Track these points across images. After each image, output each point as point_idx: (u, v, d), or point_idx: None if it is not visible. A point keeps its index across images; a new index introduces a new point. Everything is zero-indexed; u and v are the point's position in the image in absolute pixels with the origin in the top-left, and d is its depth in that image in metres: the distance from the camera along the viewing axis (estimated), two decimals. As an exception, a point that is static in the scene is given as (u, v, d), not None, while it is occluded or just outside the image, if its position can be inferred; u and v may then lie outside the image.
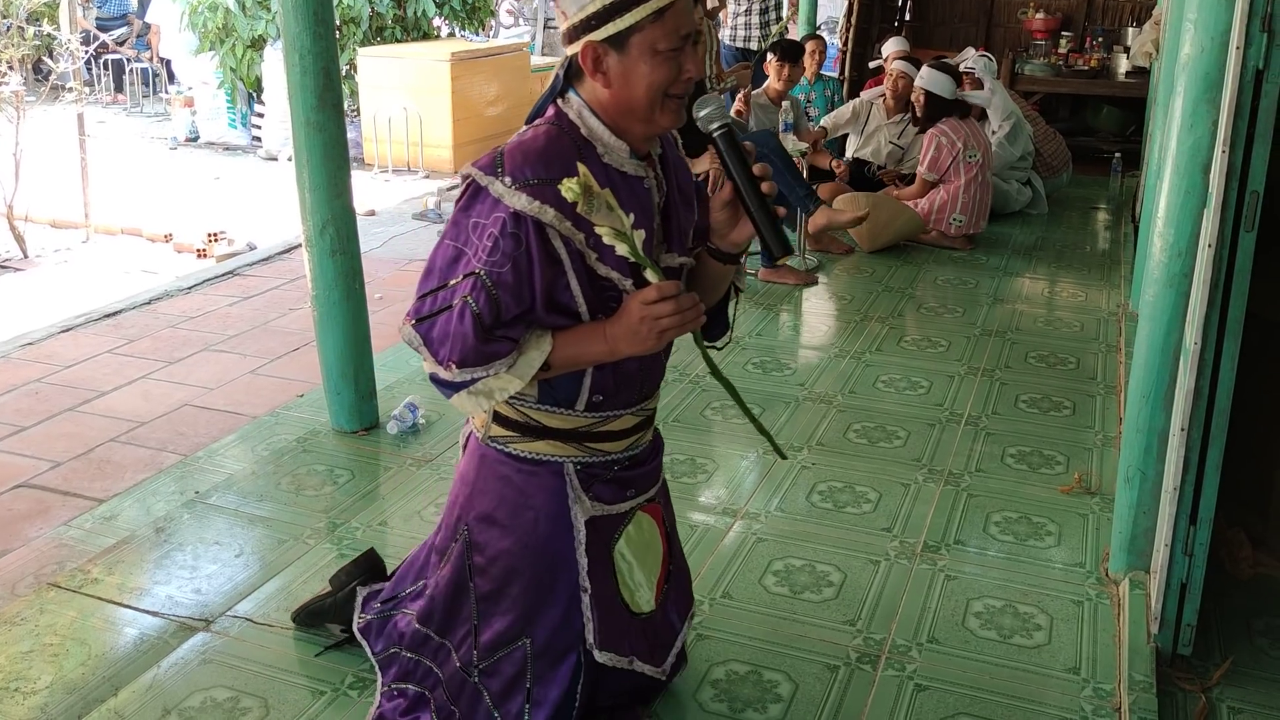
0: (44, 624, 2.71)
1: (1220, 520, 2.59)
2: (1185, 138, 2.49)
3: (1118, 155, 7.70)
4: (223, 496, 3.35)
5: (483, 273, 1.81)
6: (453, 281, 1.85)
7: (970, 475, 3.48)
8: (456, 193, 1.91)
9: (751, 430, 3.72)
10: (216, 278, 6.16)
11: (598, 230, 1.77)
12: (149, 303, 5.70)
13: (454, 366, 1.84)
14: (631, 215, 1.82)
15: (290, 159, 3.66)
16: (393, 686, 2.27)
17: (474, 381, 1.86)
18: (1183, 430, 2.46)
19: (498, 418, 2.03)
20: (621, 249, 1.78)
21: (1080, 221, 6.98)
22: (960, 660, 2.57)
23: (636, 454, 2.13)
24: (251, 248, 6.84)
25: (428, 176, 8.89)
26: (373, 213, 7.60)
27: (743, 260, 2.08)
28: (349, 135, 3.76)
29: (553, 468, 2.05)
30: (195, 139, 10.15)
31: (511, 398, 1.95)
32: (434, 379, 1.93)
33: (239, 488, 3.41)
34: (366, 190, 8.00)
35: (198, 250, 6.75)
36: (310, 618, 2.58)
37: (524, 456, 2.04)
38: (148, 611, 2.76)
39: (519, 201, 1.80)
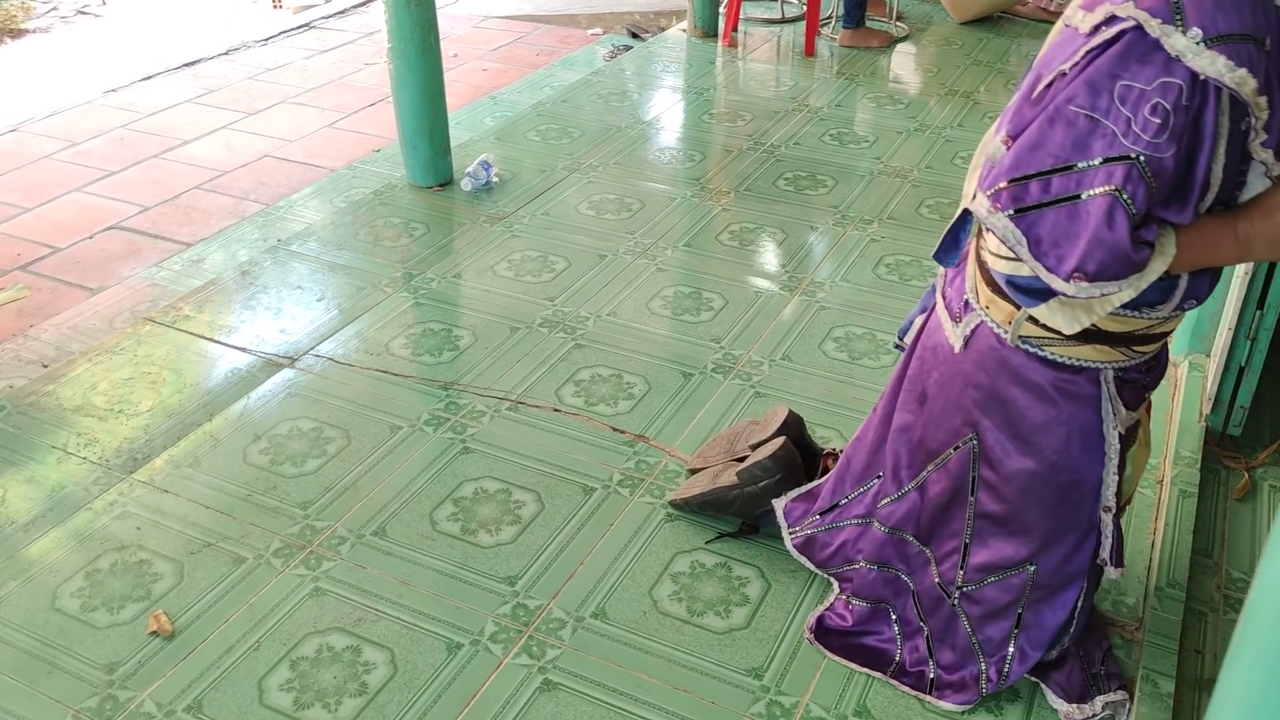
0: (142, 354, 2.90)
1: (1290, 307, 2.57)
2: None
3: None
4: (303, 244, 3.47)
5: (1141, 158, 1.39)
6: (1083, 164, 1.42)
7: (1041, 255, 3.46)
8: (1097, 39, 1.43)
9: (819, 202, 3.72)
10: (293, 30, 6.12)
11: None
12: (227, 53, 5.71)
13: (1082, 279, 1.43)
14: None
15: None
16: (849, 601, 2.08)
17: (1101, 296, 1.47)
18: (1263, 213, 2.40)
19: (1033, 316, 1.63)
20: None
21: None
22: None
23: (1161, 352, 1.77)
24: (328, 1, 6.74)
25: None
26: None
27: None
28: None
29: (1090, 375, 1.68)
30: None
31: None
32: (1015, 284, 1.56)
33: (319, 236, 3.52)
34: (442, -58, 7.73)
35: (273, 1, 6.67)
36: (705, 507, 2.31)
37: (1061, 362, 1.67)
38: (237, 348, 2.93)
39: (1211, 65, 1.35)
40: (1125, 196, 1.39)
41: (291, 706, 1.91)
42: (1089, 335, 1.63)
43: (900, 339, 1.99)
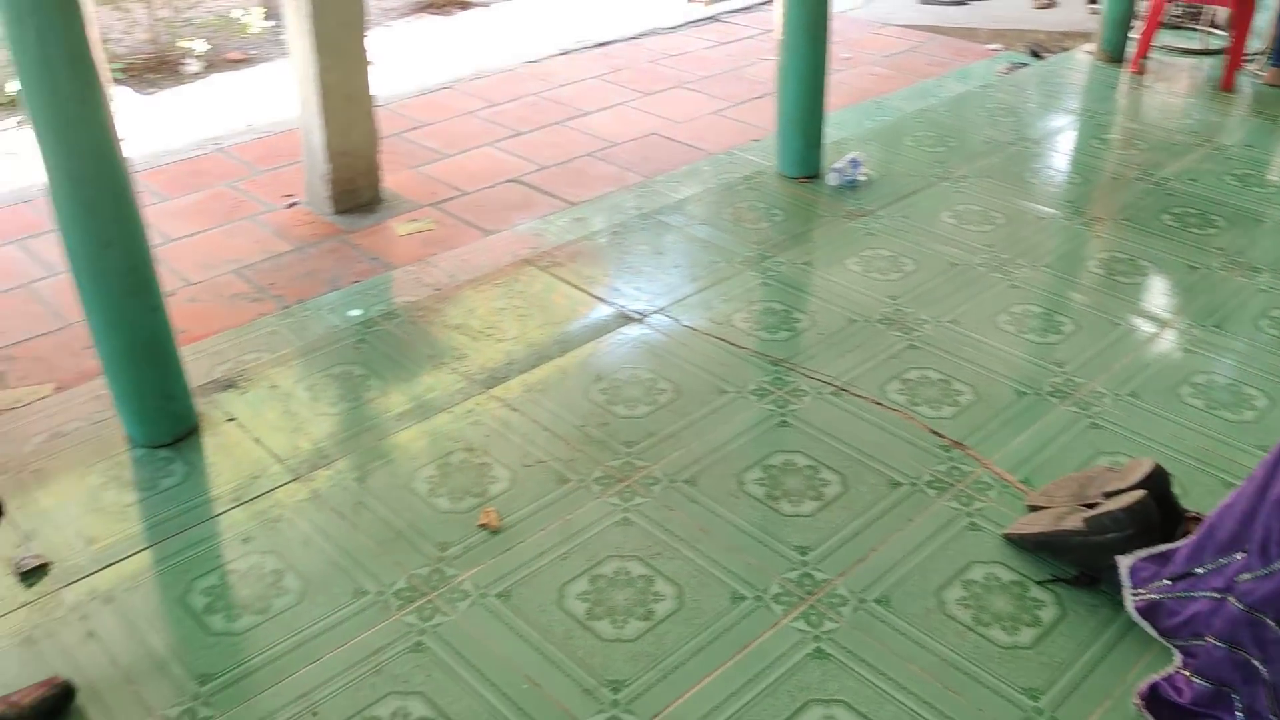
0: (517, 290, 3.23)
1: None
2: None
3: None
4: (671, 216, 3.70)
5: None
6: None
7: None
8: None
9: (1205, 243, 3.46)
10: (700, 21, 6.46)
11: None
12: (636, 37, 6.13)
13: None
14: None
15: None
16: (1191, 677, 1.93)
17: None
18: None
19: None
20: None
21: None
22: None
23: None
24: (735, -4, 7.04)
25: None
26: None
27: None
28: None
29: None
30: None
31: None
32: None
33: (686, 211, 3.74)
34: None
35: (688, -6, 7.06)
36: (1041, 548, 2.23)
37: None
38: (597, 298, 3.20)
39: None
40: None
41: (584, 615, 2.09)
42: None
43: None
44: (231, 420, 2.66)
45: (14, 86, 4.81)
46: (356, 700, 1.92)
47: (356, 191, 3.95)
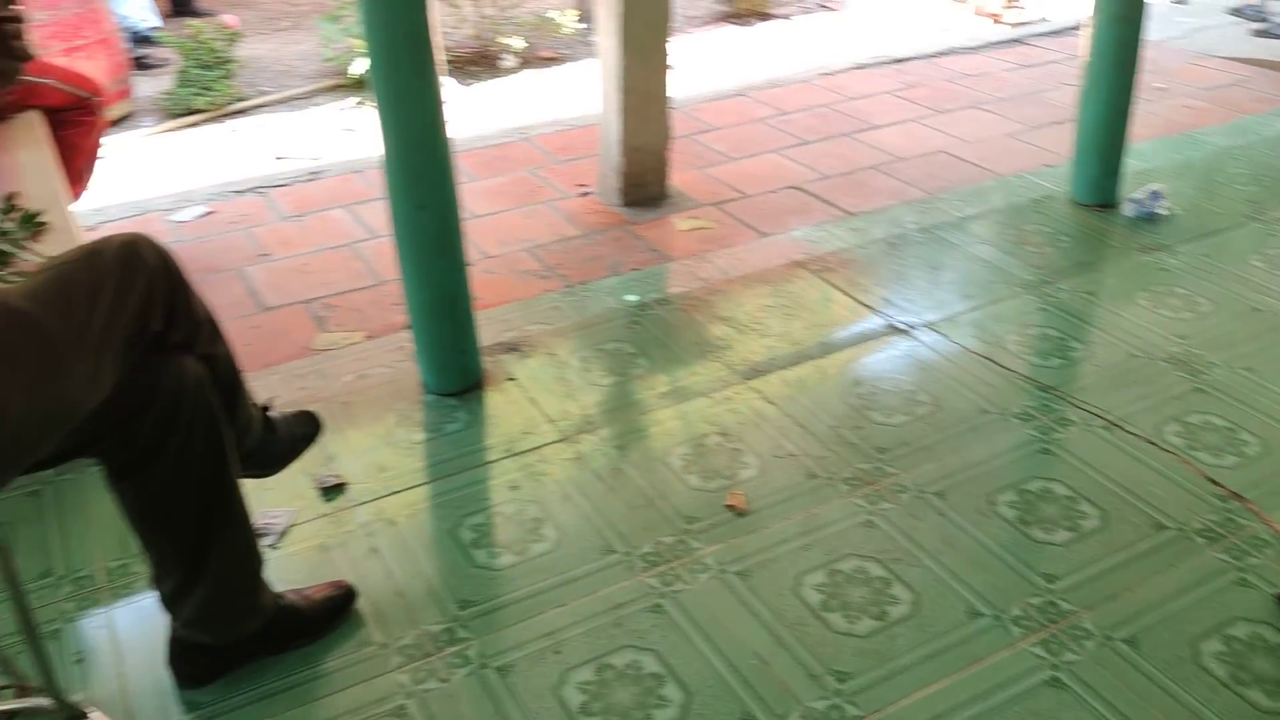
0: (786, 290, 3.30)
1: None
2: None
3: None
4: (950, 233, 3.66)
5: None
6: None
7: None
8: None
9: None
10: (1002, 43, 6.29)
11: None
12: (934, 55, 6.04)
13: None
14: None
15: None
16: None
17: None
18: None
19: None
20: None
21: None
22: None
23: None
24: (1044, 20, 6.81)
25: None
26: (1184, 0, 7.05)
27: None
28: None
29: None
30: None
31: None
32: None
33: (967, 229, 3.69)
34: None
35: (993, 15, 6.89)
36: None
37: None
38: (866, 305, 3.21)
39: None
40: None
41: (818, 605, 2.13)
42: None
43: None
44: (511, 380, 2.87)
45: (355, 69, 5.35)
46: (595, 647, 2.05)
47: (645, 186, 4.14)
